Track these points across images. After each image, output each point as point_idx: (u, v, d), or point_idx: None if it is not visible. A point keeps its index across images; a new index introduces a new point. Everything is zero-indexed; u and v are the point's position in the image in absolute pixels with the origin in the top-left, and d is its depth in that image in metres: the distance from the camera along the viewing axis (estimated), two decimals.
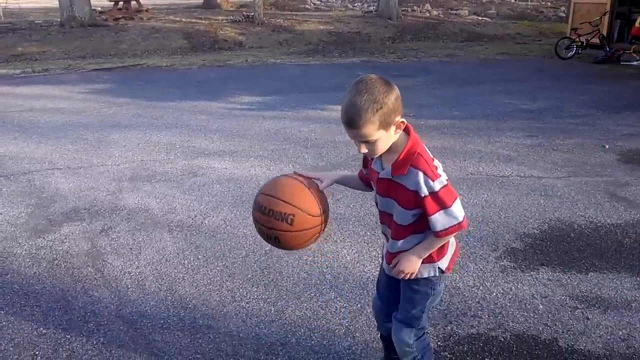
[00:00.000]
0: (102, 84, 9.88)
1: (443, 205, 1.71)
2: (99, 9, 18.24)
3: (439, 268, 1.91)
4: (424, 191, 1.69)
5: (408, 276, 1.88)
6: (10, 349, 2.58)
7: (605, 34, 12.60)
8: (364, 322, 2.73)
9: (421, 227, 1.82)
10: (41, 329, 2.73)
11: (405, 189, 1.74)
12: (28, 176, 4.95)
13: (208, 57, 13.25)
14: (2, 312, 2.87)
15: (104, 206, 4.26)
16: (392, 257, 1.93)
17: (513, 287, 3.01)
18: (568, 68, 11.18)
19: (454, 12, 21.43)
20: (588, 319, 2.73)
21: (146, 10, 18.54)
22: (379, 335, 2.33)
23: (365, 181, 2.04)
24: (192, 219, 4.02)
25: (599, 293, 2.95)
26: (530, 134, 6.08)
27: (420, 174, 1.69)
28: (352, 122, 1.62)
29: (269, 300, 2.95)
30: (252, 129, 6.55)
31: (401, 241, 1.87)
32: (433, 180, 1.69)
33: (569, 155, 5.33)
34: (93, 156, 5.54)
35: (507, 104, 7.68)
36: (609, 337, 2.59)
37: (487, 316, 2.75)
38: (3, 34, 14.97)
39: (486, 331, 2.64)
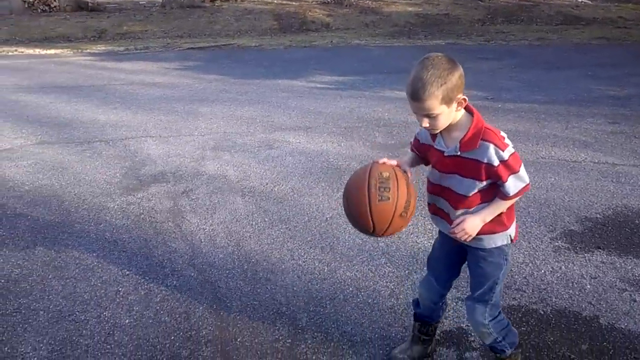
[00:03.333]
0: (195, 61, 10.52)
1: (513, 171, 1.83)
2: None
3: (510, 236, 2.00)
4: (496, 161, 1.80)
5: (465, 237, 1.92)
6: (99, 284, 3.02)
7: None
8: (409, 286, 2.91)
9: (487, 196, 1.92)
10: (125, 270, 3.15)
11: (476, 162, 1.84)
12: (124, 142, 5.51)
13: (295, 37, 13.62)
14: (94, 254, 3.33)
15: (188, 171, 4.69)
16: None
17: (563, 267, 3.05)
18: None
19: None
20: (635, 301, 2.74)
21: None
22: (414, 316, 2.38)
23: (416, 156, 2.14)
24: (264, 186, 4.34)
25: None
26: (612, 121, 5.84)
27: (491, 146, 1.80)
28: (417, 95, 1.74)
29: (323, 261, 3.20)
30: (328, 107, 6.78)
31: (472, 209, 1.94)
32: (503, 150, 1.80)
33: None
34: (182, 127, 6.03)
35: (593, 90, 7.36)
36: None
37: (531, 291, 2.83)
38: (111, 14, 16.22)
39: (527, 304, 2.72)
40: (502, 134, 1.85)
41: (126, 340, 2.55)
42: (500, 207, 1.91)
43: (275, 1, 18.02)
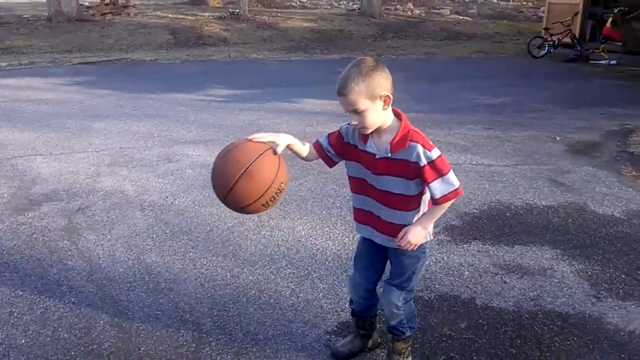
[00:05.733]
0: (87, 76, 10.14)
1: (440, 173, 1.95)
2: (87, 4, 18.48)
3: (429, 232, 2.17)
4: (423, 161, 1.93)
5: (412, 247, 2.06)
6: None
7: (577, 34, 13.04)
8: (308, 284, 3.08)
9: (417, 200, 2.06)
10: (18, 291, 3.04)
11: (406, 162, 1.96)
12: (12, 161, 5.24)
13: (192, 52, 13.54)
14: None
15: (82, 188, 4.57)
16: (394, 227, 2.09)
17: (445, 257, 3.38)
18: (538, 66, 11.63)
19: (436, 11, 21.85)
20: (505, 282, 3.10)
21: (133, 6, 18.78)
22: (351, 312, 2.51)
23: (319, 152, 2.20)
24: (164, 199, 4.34)
25: (520, 262, 3.33)
26: (488, 127, 6.47)
27: (419, 146, 1.94)
28: (341, 90, 1.89)
29: (226, 267, 3.29)
30: (228, 120, 6.87)
31: (414, 211, 2.08)
32: (430, 150, 1.94)
33: (521, 145, 5.72)
34: (74, 143, 5.83)
35: (472, 99, 8.08)
36: (520, 297, 2.96)
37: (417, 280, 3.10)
38: None
39: (415, 292, 2.98)
40: (427, 138, 2.00)
41: (23, 359, 2.48)
42: (436, 212, 2.06)
43: (171, 15, 17.75)
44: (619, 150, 5.64)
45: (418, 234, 2.06)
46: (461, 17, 20.68)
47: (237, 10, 17.93)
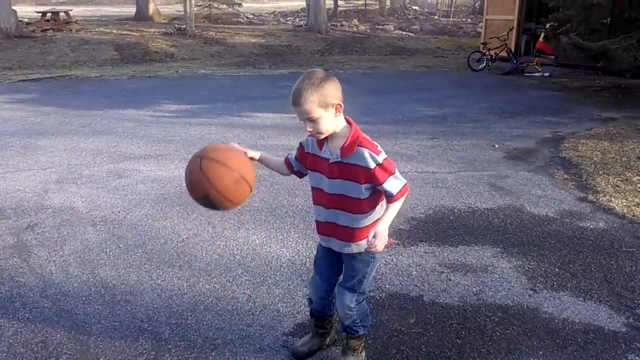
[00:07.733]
0: (29, 94, 9.89)
1: (390, 172, 2.11)
2: (26, 20, 17.95)
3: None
4: (372, 164, 2.09)
5: (384, 245, 2.15)
6: None
7: (512, 48, 13.75)
8: (264, 290, 3.18)
9: (373, 202, 2.22)
10: None
11: (357, 166, 2.12)
12: None
13: (138, 68, 13.41)
14: None
15: (30, 206, 4.49)
16: (349, 231, 2.25)
17: (394, 259, 3.55)
18: (477, 79, 12.19)
19: (381, 27, 22.50)
20: (450, 280, 3.30)
21: (75, 22, 18.41)
22: (310, 312, 2.64)
23: (289, 168, 2.39)
24: (116, 214, 4.33)
25: (463, 261, 3.54)
26: (432, 137, 6.77)
27: (366, 151, 2.09)
28: (296, 100, 2.04)
29: (182, 277, 3.34)
30: (178, 134, 6.88)
31: (366, 214, 2.22)
32: (377, 155, 2.10)
33: (463, 153, 6.03)
34: (19, 161, 5.71)
35: (417, 111, 8.41)
36: (464, 292, 3.16)
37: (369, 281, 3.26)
38: None
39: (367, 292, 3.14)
40: (375, 143, 2.17)
41: None
42: (394, 209, 2.18)
43: (115, 31, 17.51)
44: (552, 156, 6.03)
45: (385, 234, 2.16)
46: (404, 33, 21.37)
47: (184, 26, 17.88)
